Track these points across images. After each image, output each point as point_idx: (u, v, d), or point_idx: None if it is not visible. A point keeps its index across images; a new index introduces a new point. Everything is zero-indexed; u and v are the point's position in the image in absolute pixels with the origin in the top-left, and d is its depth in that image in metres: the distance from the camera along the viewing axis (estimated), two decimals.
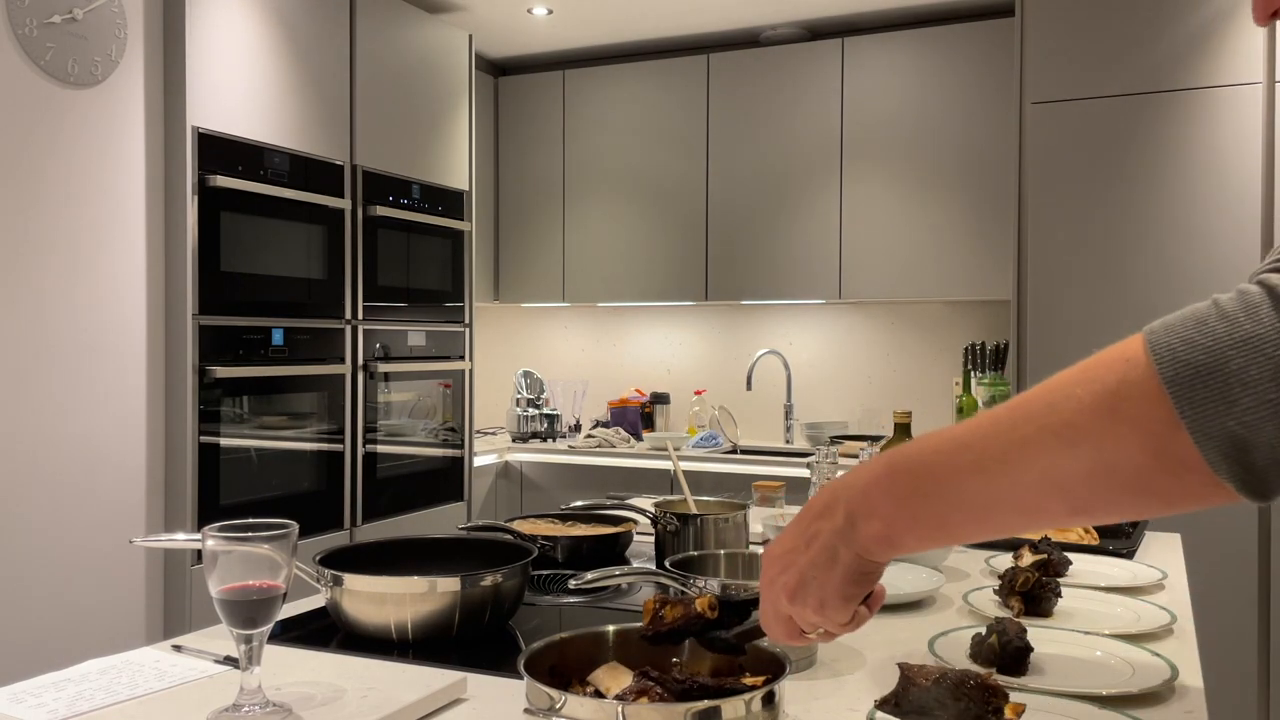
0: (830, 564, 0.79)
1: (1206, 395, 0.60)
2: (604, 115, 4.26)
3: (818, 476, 2.32)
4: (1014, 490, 0.69)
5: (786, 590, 0.81)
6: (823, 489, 0.82)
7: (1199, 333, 0.62)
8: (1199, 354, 0.61)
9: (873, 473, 0.77)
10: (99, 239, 2.53)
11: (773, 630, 0.86)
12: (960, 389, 3.79)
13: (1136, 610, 1.44)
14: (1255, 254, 2.92)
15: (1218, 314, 0.61)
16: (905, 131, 3.76)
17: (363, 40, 3.26)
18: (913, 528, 0.75)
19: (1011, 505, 0.70)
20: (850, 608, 0.81)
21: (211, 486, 2.71)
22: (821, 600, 0.80)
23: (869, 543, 0.77)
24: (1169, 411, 0.61)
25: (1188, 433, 0.61)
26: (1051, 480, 0.67)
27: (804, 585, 0.80)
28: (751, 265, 4.01)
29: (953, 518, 0.73)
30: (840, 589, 0.79)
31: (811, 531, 0.80)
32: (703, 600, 0.96)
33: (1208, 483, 0.62)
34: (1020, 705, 0.91)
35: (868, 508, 0.76)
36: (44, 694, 1.06)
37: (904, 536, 0.76)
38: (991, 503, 0.71)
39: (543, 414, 4.24)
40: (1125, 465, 0.64)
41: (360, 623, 1.26)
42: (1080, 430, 0.65)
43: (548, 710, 0.88)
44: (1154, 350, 0.63)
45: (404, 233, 3.42)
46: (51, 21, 2.40)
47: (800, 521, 0.82)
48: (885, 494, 0.76)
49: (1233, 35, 2.95)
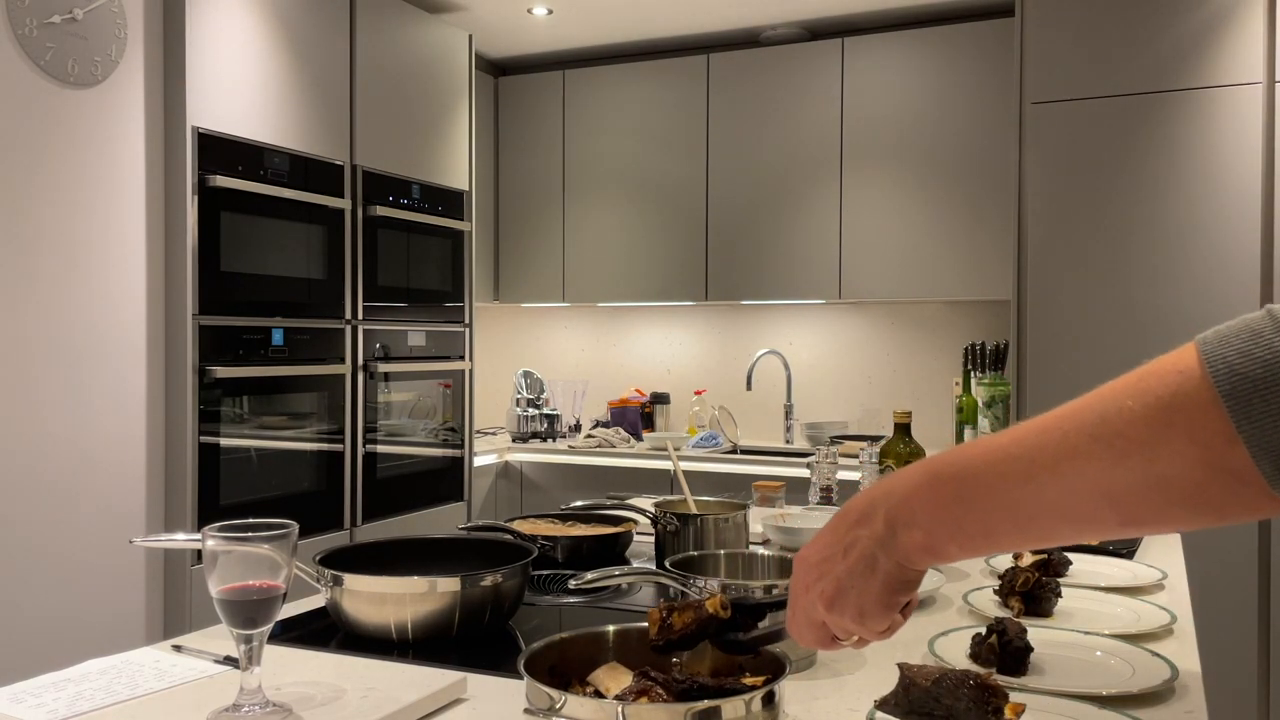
0: (870, 573, 0.77)
1: (1264, 409, 0.59)
2: (604, 115, 4.26)
3: (818, 476, 2.32)
4: (1064, 500, 0.68)
5: (824, 599, 0.80)
6: (859, 495, 0.80)
7: (1255, 345, 0.61)
8: (1256, 367, 0.60)
9: (914, 480, 0.76)
10: (99, 239, 2.53)
11: (803, 637, 0.84)
12: (960, 389, 3.79)
13: (1136, 610, 1.44)
14: (1255, 254, 2.92)
15: (1273, 326, 0.61)
16: (905, 131, 3.76)
17: (363, 40, 3.26)
18: (955, 536, 0.74)
19: (1061, 515, 0.69)
20: (890, 616, 0.79)
21: (211, 487, 2.71)
22: (861, 609, 0.78)
23: (910, 551, 0.75)
24: (1225, 425, 0.61)
25: (1245, 447, 0.60)
26: (1103, 491, 0.66)
27: (842, 594, 0.79)
28: (751, 265, 4.01)
29: (999, 527, 0.72)
30: (880, 598, 0.78)
31: (850, 539, 0.78)
32: (713, 601, 0.95)
33: (1263, 495, 0.61)
34: (1020, 705, 0.91)
35: (908, 516, 0.75)
36: (44, 694, 1.05)
37: (946, 545, 0.74)
38: (1039, 512, 0.69)
39: (543, 414, 4.24)
40: (1179, 478, 0.63)
41: (360, 623, 1.26)
42: (1132, 442, 0.64)
43: (548, 710, 0.88)
44: (1209, 363, 0.62)
45: (404, 233, 3.42)
46: (51, 21, 2.40)
47: (836, 528, 0.80)
48: (927, 502, 0.74)
49: (1233, 35, 2.95)
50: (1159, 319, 3.02)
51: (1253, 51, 2.93)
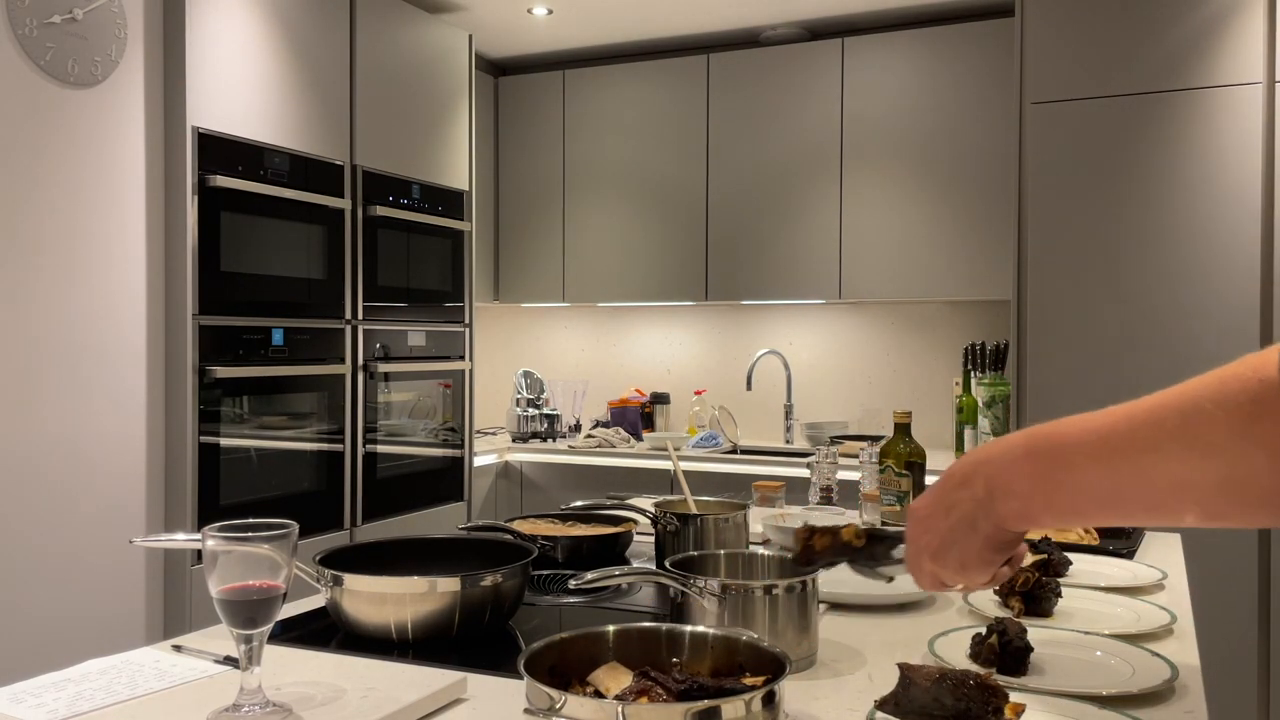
0: (970, 532, 0.84)
1: None
2: (604, 115, 4.26)
3: (818, 476, 2.32)
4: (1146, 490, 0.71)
5: (929, 551, 0.87)
6: (962, 459, 0.86)
7: None
8: None
9: (1012, 451, 0.81)
10: (99, 239, 2.53)
11: (919, 579, 0.92)
12: (960, 389, 3.79)
13: (1136, 610, 1.44)
14: (1255, 254, 2.92)
15: None
16: (905, 131, 3.76)
17: (363, 40, 3.26)
18: (1048, 509, 0.79)
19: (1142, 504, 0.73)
20: (990, 570, 0.86)
21: (211, 486, 2.71)
22: (963, 563, 0.86)
23: (1007, 517, 0.81)
24: None
25: None
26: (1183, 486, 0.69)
27: (945, 549, 0.86)
28: (751, 265, 4.01)
29: (1085, 506, 0.76)
30: (980, 555, 0.85)
31: (951, 500, 0.85)
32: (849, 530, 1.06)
33: None
34: (1020, 705, 0.91)
35: (1005, 485, 0.81)
36: (44, 694, 1.05)
37: (1040, 515, 0.79)
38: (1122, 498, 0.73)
39: (543, 414, 4.24)
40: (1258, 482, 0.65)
41: (360, 623, 1.26)
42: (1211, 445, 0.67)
43: (548, 710, 0.88)
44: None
45: (404, 233, 3.42)
46: (51, 21, 2.40)
47: (941, 488, 0.87)
48: (1023, 475, 0.79)
49: (1233, 35, 2.95)
50: (1159, 319, 3.02)
51: (1253, 51, 2.93)
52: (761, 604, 1.15)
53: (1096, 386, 3.09)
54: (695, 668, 1.02)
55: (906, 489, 2.06)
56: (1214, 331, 2.96)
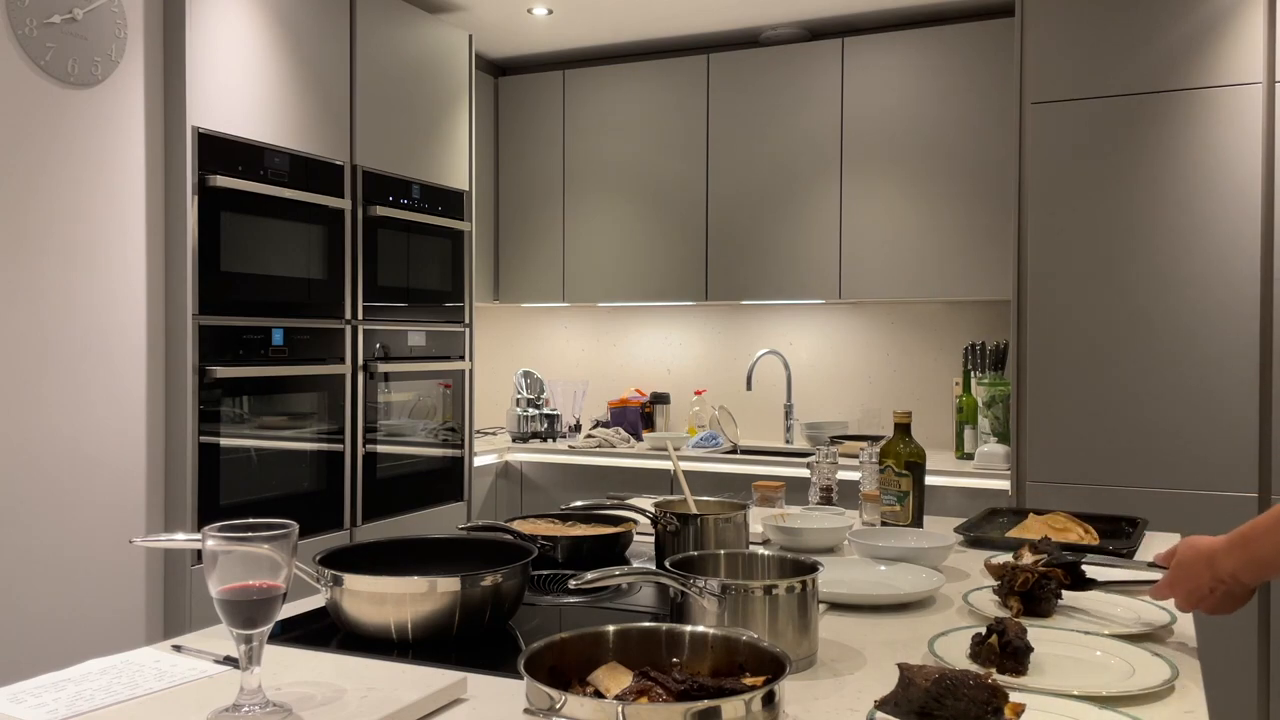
0: (1231, 601, 1.31)
1: None
2: (604, 115, 4.26)
3: (818, 476, 2.32)
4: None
5: (1205, 608, 1.32)
6: (1201, 548, 1.32)
7: None
8: None
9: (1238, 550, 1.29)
10: (99, 239, 2.53)
11: (1180, 606, 1.36)
12: (960, 389, 3.79)
13: (1136, 610, 1.44)
14: (1255, 254, 2.92)
15: None
16: (905, 131, 3.76)
17: (363, 40, 3.26)
18: (1260, 576, 1.26)
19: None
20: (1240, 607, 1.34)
21: (211, 487, 2.71)
22: (1224, 612, 1.32)
23: (1250, 584, 1.29)
24: None
25: None
26: None
27: (1215, 609, 1.32)
28: (751, 265, 4.01)
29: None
30: (1237, 607, 1.32)
31: (1211, 584, 1.30)
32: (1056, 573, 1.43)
33: None
34: (1020, 705, 0.91)
35: (1230, 571, 1.28)
36: (44, 694, 1.06)
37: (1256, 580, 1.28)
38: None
39: (543, 414, 4.24)
40: None
41: (360, 623, 1.26)
42: None
43: (548, 710, 0.88)
44: None
45: (404, 233, 3.42)
46: (51, 21, 2.40)
47: (1200, 574, 1.31)
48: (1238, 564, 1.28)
49: (1233, 35, 2.95)
50: (1159, 319, 3.02)
51: (1253, 51, 2.93)
52: (761, 604, 1.15)
53: (1096, 386, 3.09)
54: (695, 668, 1.02)
55: (906, 489, 2.06)
56: (1214, 331, 2.96)
